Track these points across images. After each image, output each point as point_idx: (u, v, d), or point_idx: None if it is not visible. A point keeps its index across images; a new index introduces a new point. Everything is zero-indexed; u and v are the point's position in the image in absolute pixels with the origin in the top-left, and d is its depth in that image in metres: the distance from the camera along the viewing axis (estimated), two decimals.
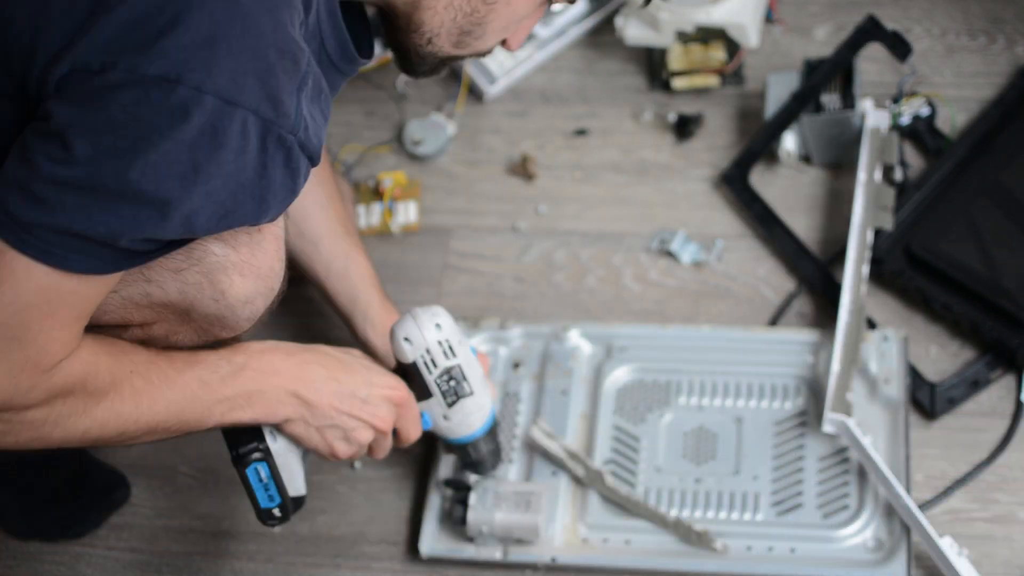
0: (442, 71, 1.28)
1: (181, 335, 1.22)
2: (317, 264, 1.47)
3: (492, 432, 1.44)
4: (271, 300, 1.21)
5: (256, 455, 1.27)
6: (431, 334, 1.34)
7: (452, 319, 1.36)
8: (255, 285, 1.18)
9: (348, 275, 1.48)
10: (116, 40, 0.99)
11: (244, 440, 1.27)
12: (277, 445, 1.28)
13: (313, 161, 1.11)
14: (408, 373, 1.36)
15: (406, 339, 1.34)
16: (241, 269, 1.16)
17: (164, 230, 1.05)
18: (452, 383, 1.37)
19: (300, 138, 1.07)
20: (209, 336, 1.23)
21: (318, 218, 1.46)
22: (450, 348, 1.35)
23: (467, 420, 1.40)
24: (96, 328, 1.16)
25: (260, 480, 1.29)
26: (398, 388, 1.34)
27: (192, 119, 1.00)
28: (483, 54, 1.25)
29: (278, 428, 1.28)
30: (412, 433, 1.37)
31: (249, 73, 1.02)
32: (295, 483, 1.31)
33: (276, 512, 1.31)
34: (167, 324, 1.20)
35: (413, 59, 1.23)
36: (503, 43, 1.25)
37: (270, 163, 1.06)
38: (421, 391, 1.37)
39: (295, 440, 1.29)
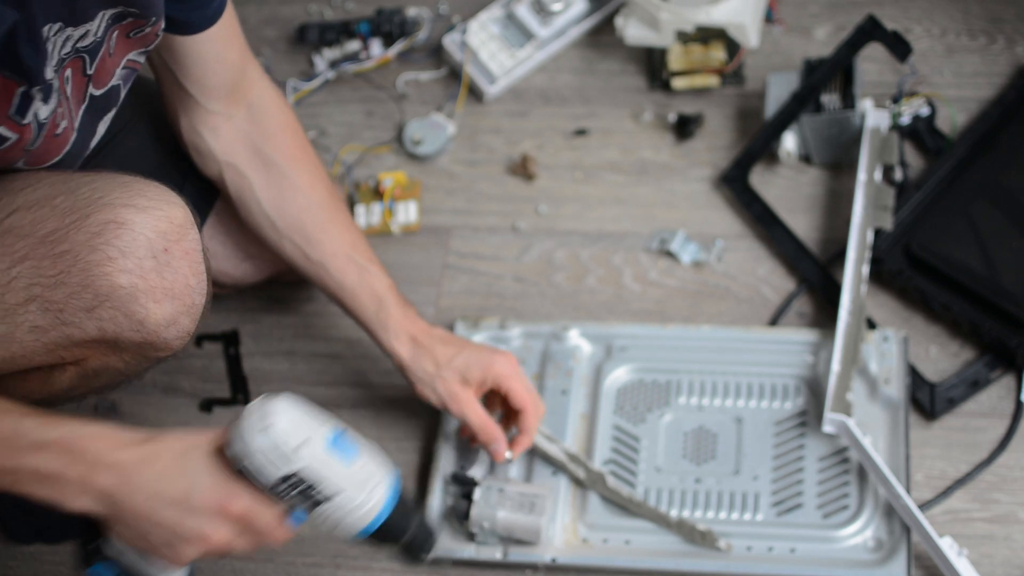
0: None
1: (119, 363, 1.20)
2: (330, 284, 1.46)
3: (401, 513, 1.17)
4: (198, 314, 1.17)
5: (98, 556, 1.13)
6: (254, 441, 1.09)
7: (298, 411, 1.12)
8: (173, 307, 1.14)
9: (362, 292, 1.45)
10: None
11: (95, 533, 1.12)
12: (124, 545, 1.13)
13: None
14: None
15: (228, 443, 1.11)
16: (153, 295, 1.13)
17: None
18: (295, 491, 1.11)
19: None
20: (149, 358, 1.21)
21: (320, 241, 1.44)
22: (282, 456, 1.10)
23: (344, 522, 1.14)
24: (30, 371, 1.14)
25: None
26: (231, 500, 1.12)
27: None
28: None
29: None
30: (275, 537, 1.15)
31: None
32: None
33: None
34: (100, 357, 1.18)
35: None
36: None
37: None
38: None
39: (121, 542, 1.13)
